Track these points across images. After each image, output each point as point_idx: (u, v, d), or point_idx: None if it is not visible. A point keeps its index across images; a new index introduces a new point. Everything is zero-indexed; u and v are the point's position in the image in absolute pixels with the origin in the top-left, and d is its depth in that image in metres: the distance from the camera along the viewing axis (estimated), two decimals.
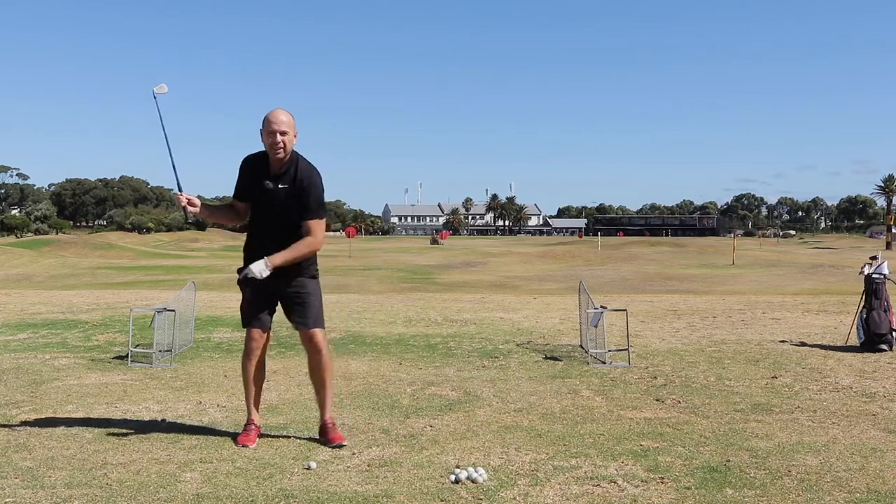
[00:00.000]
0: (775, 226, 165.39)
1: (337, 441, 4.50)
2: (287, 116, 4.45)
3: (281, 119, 4.42)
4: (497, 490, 3.72)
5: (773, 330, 9.90)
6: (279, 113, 4.45)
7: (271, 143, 4.42)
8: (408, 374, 6.89)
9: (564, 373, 6.90)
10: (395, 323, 10.75)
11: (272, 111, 4.47)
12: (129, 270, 35.75)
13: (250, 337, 4.64)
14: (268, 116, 4.45)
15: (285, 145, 4.43)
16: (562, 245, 62.23)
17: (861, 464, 4.10)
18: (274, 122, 4.41)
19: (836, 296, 15.89)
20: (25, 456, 4.24)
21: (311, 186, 4.48)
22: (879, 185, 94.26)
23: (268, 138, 4.44)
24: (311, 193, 4.48)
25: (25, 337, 9.23)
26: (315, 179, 4.51)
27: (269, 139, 4.43)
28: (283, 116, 4.44)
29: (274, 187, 4.49)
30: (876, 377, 6.62)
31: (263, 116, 4.47)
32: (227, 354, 8.01)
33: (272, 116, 4.43)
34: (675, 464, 4.12)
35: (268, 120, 4.44)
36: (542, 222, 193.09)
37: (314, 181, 4.50)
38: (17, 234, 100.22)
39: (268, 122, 4.43)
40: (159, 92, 4.77)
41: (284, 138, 4.42)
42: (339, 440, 4.51)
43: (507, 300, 15.32)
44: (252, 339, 4.63)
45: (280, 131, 4.40)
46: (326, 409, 4.70)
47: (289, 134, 4.44)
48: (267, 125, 4.43)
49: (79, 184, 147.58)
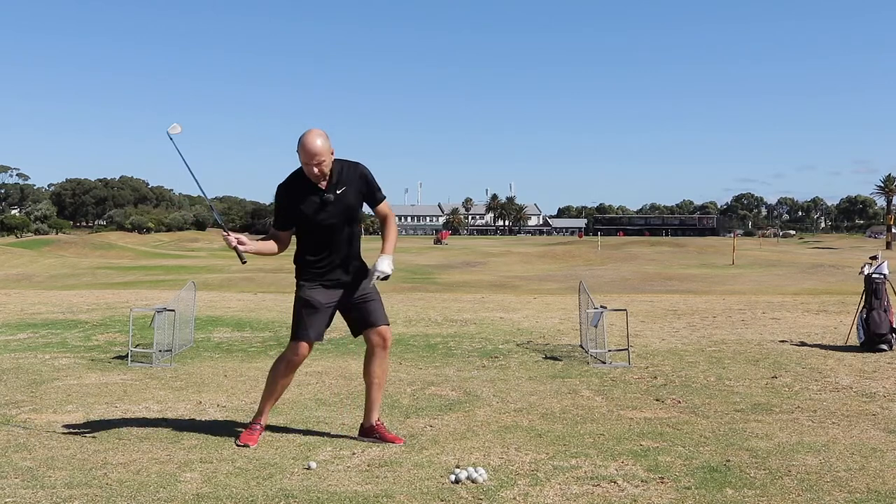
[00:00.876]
0: (775, 226, 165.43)
1: (397, 441, 4.53)
2: (322, 142, 4.32)
3: (317, 150, 4.30)
4: (497, 490, 3.71)
5: (773, 330, 9.90)
6: (314, 140, 4.30)
7: (310, 174, 4.37)
8: (408, 374, 6.89)
9: (564, 373, 6.90)
10: (395, 323, 10.75)
11: (307, 139, 4.31)
12: (129, 270, 35.75)
13: (299, 350, 4.52)
14: (303, 144, 4.31)
15: (323, 172, 4.38)
16: (562, 245, 62.24)
17: (861, 464, 4.10)
18: (312, 157, 4.30)
19: (836, 296, 15.89)
20: (25, 456, 4.24)
21: (367, 176, 4.53)
22: (879, 185, 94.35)
23: (306, 168, 4.37)
24: (372, 181, 4.54)
25: (25, 337, 9.23)
26: (365, 169, 4.55)
27: (308, 170, 4.37)
28: (318, 143, 4.30)
29: (335, 196, 4.45)
30: (876, 377, 6.62)
31: (298, 138, 4.35)
32: (227, 354, 8.01)
33: (308, 147, 4.29)
34: (675, 464, 4.12)
35: (304, 151, 4.31)
36: (542, 222, 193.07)
37: (366, 171, 4.54)
38: (17, 234, 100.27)
39: (304, 153, 4.31)
40: (173, 132, 4.70)
41: (321, 167, 4.36)
42: (397, 440, 4.55)
43: (507, 300, 15.32)
44: (300, 352, 4.52)
45: (316, 164, 4.33)
46: (376, 411, 4.70)
47: (325, 160, 4.36)
48: (303, 158, 4.33)
49: (79, 184, 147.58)
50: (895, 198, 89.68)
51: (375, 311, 4.60)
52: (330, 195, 4.45)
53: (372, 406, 4.70)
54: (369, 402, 4.72)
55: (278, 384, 4.65)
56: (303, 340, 4.51)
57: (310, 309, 4.51)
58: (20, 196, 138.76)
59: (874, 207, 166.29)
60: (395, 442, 4.54)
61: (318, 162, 4.33)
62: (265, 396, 4.70)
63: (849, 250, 56.15)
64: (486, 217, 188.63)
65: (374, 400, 4.71)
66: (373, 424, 4.66)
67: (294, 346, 4.55)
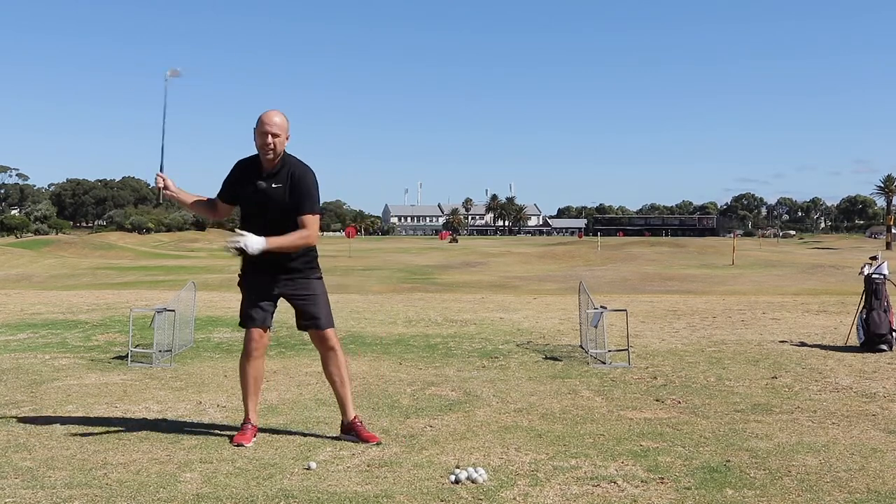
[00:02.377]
0: (775, 226, 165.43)
1: (373, 440, 4.53)
2: (280, 118, 4.48)
3: (274, 121, 4.45)
4: (497, 490, 3.71)
5: (773, 330, 9.90)
6: (272, 114, 4.48)
7: (262, 143, 4.47)
8: (408, 374, 6.89)
9: (564, 373, 6.90)
10: (395, 323, 10.75)
11: (266, 112, 4.50)
12: (128, 271, 35.75)
13: (250, 338, 4.65)
14: (261, 117, 4.49)
15: (276, 147, 4.46)
16: (562, 245, 62.22)
17: (861, 464, 4.10)
18: (267, 123, 4.44)
19: (836, 296, 15.89)
20: (25, 456, 4.24)
21: (304, 183, 4.52)
22: (879, 185, 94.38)
23: (259, 138, 4.48)
24: (305, 190, 4.51)
25: (25, 337, 9.23)
26: (309, 176, 4.55)
27: (261, 139, 4.47)
28: (276, 118, 4.46)
29: (268, 186, 4.52)
30: (876, 377, 6.62)
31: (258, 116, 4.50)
32: (227, 354, 8.01)
33: (265, 117, 4.47)
34: (675, 464, 4.12)
35: (261, 120, 4.48)
36: (542, 222, 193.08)
37: (307, 178, 4.54)
38: (17, 234, 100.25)
39: (260, 122, 4.47)
40: (172, 76, 4.78)
41: (276, 140, 4.45)
42: (374, 439, 4.54)
43: (506, 300, 15.32)
44: (252, 339, 4.64)
45: (272, 132, 4.43)
46: (349, 408, 4.71)
47: (280, 136, 4.47)
48: (259, 125, 4.48)
49: (79, 184, 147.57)
50: (895, 198, 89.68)
51: (316, 314, 4.64)
52: (263, 183, 4.52)
53: (343, 404, 4.72)
54: (339, 401, 4.75)
55: (247, 376, 4.68)
56: (247, 327, 4.63)
57: (248, 298, 4.65)
58: (20, 196, 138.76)
59: (874, 208, 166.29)
60: (370, 440, 4.52)
61: (273, 131, 4.42)
62: (243, 394, 4.74)
63: (849, 250, 56.13)
64: (486, 217, 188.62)
65: (341, 398, 4.73)
66: (352, 422, 4.67)
67: (246, 335, 4.66)
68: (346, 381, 4.74)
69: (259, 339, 4.63)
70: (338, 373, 4.71)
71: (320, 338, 4.67)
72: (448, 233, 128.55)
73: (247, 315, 4.65)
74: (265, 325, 4.66)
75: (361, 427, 4.65)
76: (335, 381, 4.74)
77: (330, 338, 4.66)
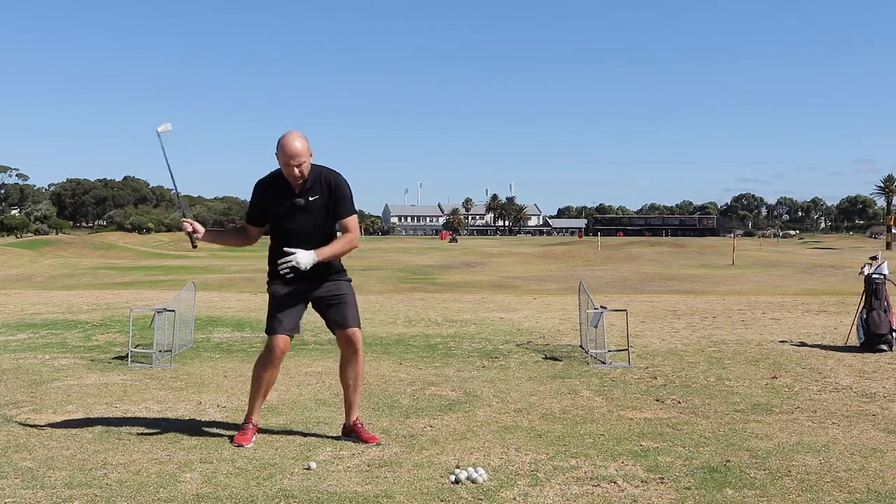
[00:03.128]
0: (775, 226, 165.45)
1: (373, 441, 4.53)
2: (301, 143, 4.40)
3: (296, 150, 4.37)
4: (497, 490, 3.71)
5: (773, 330, 9.90)
6: (293, 142, 4.38)
7: (289, 174, 4.43)
8: (408, 374, 6.89)
9: (564, 373, 6.90)
10: (395, 323, 10.75)
11: (287, 140, 4.39)
12: (128, 271, 35.76)
13: (275, 345, 4.56)
14: (283, 147, 4.39)
15: (303, 173, 4.44)
16: (562, 245, 62.24)
17: (861, 464, 4.10)
18: (291, 156, 4.37)
19: (836, 296, 15.89)
20: (25, 456, 4.24)
21: (341, 189, 4.55)
22: (879, 186, 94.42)
23: (286, 170, 4.43)
24: (343, 194, 4.56)
25: (25, 337, 9.23)
26: (343, 181, 4.58)
27: (288, 171, 4.43)
28: (297, 145, 4.38)
29: (307, 202, 4.50)
30: (876, 377, 6.62)
31: (278, 140, 4.42)
32: (227, 354, 8.01)
33: (288, 148, 4.37)
34: (675, 464, 4.12)
35: (283, 152, 4.39)
36: (542, 222, 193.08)
37: (342, 183, 4.57)
38: (17, 234, 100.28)
39: (283, 154, 4.39)
40: (163, 131, 4.77)
41: (301, 168, 4.42)
42: (375, 440, 4.55)
43: (506, 300, 15.32)
44: (276, 346, 4.56)
45: (296, 165, 4.39)
46: (355, 411, 4.71)
47: (305, 162, 4.42)
48: (283, 157, 4.40)
49: (79, 184, 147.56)
50: (895, 198, 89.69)
51: (344, 313, 4.64)
52: (301, 200, 4.51)
53: (350, 407, 4.73)
54: (346, 404, 4.76)
55: (262, 381, 4.66)
56: (274, 334, 4.58)
57: (278, 303, 4.60)
58: (20, 196, 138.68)
59: (874, 208, 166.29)
60: (371, 441, 4.53)
61: (298, 163, 4.39)
62: (252, 395, 4.71)
63: (849, 250, 56.15)
64: (486, 217, 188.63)
65: (350, 400, 4.73)
66: (354, 424, 4.68)
67: (269, 341, 4.61)
68: (360, 386, 4.75)
69: (284, 346, 4.58)
70: (354, 376, 4.70)
71: (347, 338, 4.64)
72: (448, 233, 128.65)
73: (276, 320, 4.59)
74: (292, 332, 4.62)
75: (362, 428, 4.66)
76: (349, 385, 4.71)
77: (358, 339, 4.66)
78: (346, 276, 4.76)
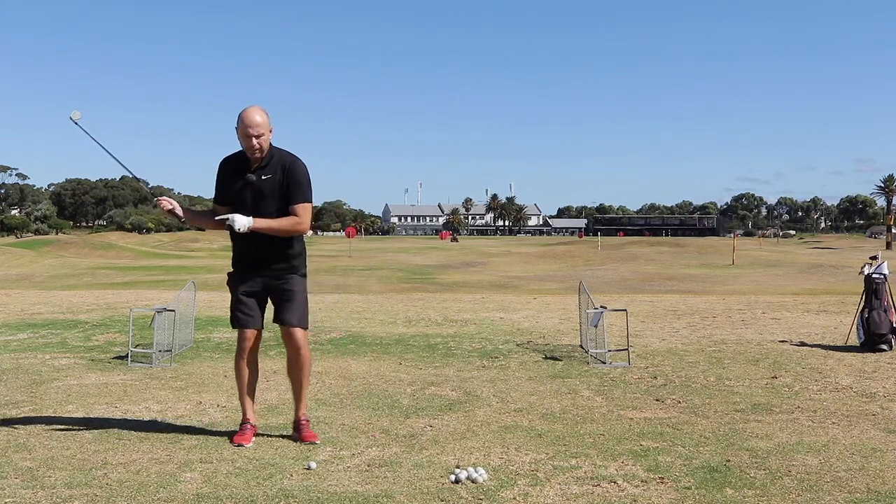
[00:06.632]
0: (775, 226, 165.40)
1: (309, 439, 4.53)
2: (261, 117, 4.43)
3: (255, 121, 4.41)
4: (497, 490, 3.71)
5: (773, 330, 9.90)
6: (253, 114, 4.42)
7: (247, 146, 4.46)
8: (408, 374, 6.89)
9: (564, 373, 6.90)
10: (395, 323, 10.75)
11: (246, 111, 4.44)
12: (129, 270, 35.75)
13: (242, 337, 4.64)
14: (242, 119, 4.43)
15: (262, 146, 4.46)
16: (562, 245, 62.22)
17: (861, 464, 4.10)
18: (249, 126, 4.40)
19: (836, 296, 15.89)
20: (25, 456, 4.24)
21: (296, 173, 4.52)
22: (879, 185, 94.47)
23: (244, 141, 4.46)
24: (297, 179, 4.52)
25: (25, 337, 9.22)
26: (300, 166, 4.55)
27: (246, 142, 4.45)
28: (257, 117, 4.41)
29: (258, 179, 4.50)
30: (876, 377, 6.62)
31: (238, 114, 4.45)
32: (227, 354, 8.00)
33: (247, 119, 4.41)
34: (675, 464, 4.12)
35: (242, 123, 4.42)
36: (542, 222, 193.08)
37: (298, 167, 4.54)
38: (17, 234, 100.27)
39: (242, 125, 4.42)
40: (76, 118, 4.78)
41: (260, 140, 4.43)
42: (312, 438, 4.54)
43: (507, 300, 15.31)
44: (244, 339, 4.64)
45: (255, 135, 4.41)
46: (302, 406, 4.73)
47: (264, 134, 4.44)
48: (242, 128, 4.43)
49: (79, 184, 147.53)
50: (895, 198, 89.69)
51: (290, 310, 4.62)
52: (252, 176, 4.51)
53: (296, 401, 4.75)
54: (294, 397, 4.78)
55: (241, 377, 4.69)
56: (240, 327, 4.63)
57: (237, 297, 4.65)
58: (20, 196, 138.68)
59: (874, 207, 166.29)
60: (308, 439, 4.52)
61: (256, 133, 4.41)
62: (239, 394, 4.75)
63: (849, 250, 56.13)
64: (486, 217, 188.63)
65: (296, 396, 4.75)
66: (297, 419, 4.69)
67: (238, 335, 4.66)
68: (304, 383, 4.74)
69: (251, 337, 4.63)
70: (297, 373, 4.72)
71: (288, 335, 4.64)
72: (448, 233, 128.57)
73: (235, 315, 4.66)
74: (256, 325, 4.65)
75: (305, 426, 4.65)
76: (292, 380, 4.76)
77: (297, 337, 4.63)
78: (301, 272, 4.71)
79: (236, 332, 4.71)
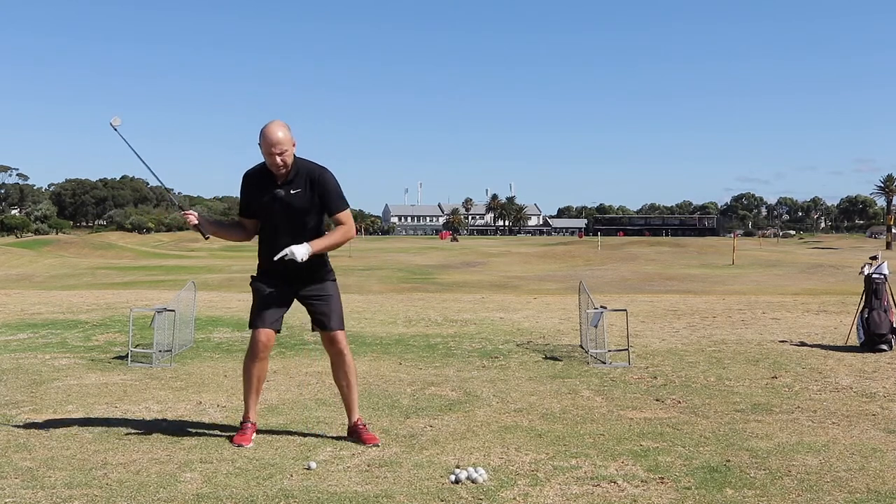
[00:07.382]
0: (775, 226, 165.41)
1: (372, 442, 4.52)
2: (284, 133, 4.39)
3: (278, 139, 4.36)
4: (497, 490, 3.71)
5: (773, 330, 9.90)
6: (275, 131, 4.37)
7: (272, 163, 4.42)
8: (408, 374, 6.89)
9: (564, 373, 6.90)
10: (395, 323, 10.75)
11: (268, 128, 4.39)
12: (129, 270, 35.75)
13: (258, 339, 4.58)
14: (265, 135, 4.38)
15: (286, 162, 4.43)
16: (562, 245, 62.24)
17: (861, 464, 4.10)
18: (272, 145, 4.36)
19: (836, 296, 15.89)
20: (25, 456, 4.24)
21: (328, 183, 4.51)
22: (879, 185, 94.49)
23: (268, 159, 4.43)
24: (331, 189, 4.52)
25: (25, 337, 9.22)
26: (329, 175, 4.55)
27: (270, 160, 4.42)
28: (279, 134, 4.37)
29: (286, 194, 4.48)
30: (876, 377, 6.62)
31: (260, 130, 4.42)
32: (227, 354, 8.01)
33: (270, 137, 4.36)
34: (675, 464, 4.12)
35: (265, 141, 4.38)
36: (542, 222, 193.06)
37: (328, 177, 4.53)
38: (17, 234, 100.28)
39: (265, 143, 4.38)
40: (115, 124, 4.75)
41: (284, 156, 4.41)
42: (373, 441, 4.54)
43: (507, 300, 15.31)
44: (259, 340, 4.58)
45: (278, 153, 4.38)
46: (355, 411, 4.72)
47: (287, 150, 4.41)
48: (265, 146, 4.40)
49: (79, 184, 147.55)
50: (895, 198, 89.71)
51: (328, 315, 4.62)
52: (281, 191, 4.49)
53: (347, 407, 4.75)
54: (346, 405, 4.77)
55: (251, 377, 4.66)
56: (256, 328, 4.59)
57: (261, 299, 4.60)
58: (20, 196, 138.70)
59: (874, 207, 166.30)
60: (371, 441, 4.52)
61: (279, 151, 4.38)
62: (245, 392, 4.72)
63: (849, 250, 56.14)
64: (486, 217, 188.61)
65: (348, 401, 4.74)
66: (354, 424, 4.68)
67: (252, 335, 4.62)
68: (353, 386, 4.73)
69: (267, 340, 4.59)
70: (345, 377, 4.70)
71: (330, 339, 4.64)
72: (448, 233, 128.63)
73: (258, 316, 4.60)
74: (274, 328, 4.62)
75: (363, 429, 4.65)
76: (342, 386, 4.74)
77: (339, 340, 4.64)
78: (332, 276, 4.72)
79: (249, 332, 4.68)
